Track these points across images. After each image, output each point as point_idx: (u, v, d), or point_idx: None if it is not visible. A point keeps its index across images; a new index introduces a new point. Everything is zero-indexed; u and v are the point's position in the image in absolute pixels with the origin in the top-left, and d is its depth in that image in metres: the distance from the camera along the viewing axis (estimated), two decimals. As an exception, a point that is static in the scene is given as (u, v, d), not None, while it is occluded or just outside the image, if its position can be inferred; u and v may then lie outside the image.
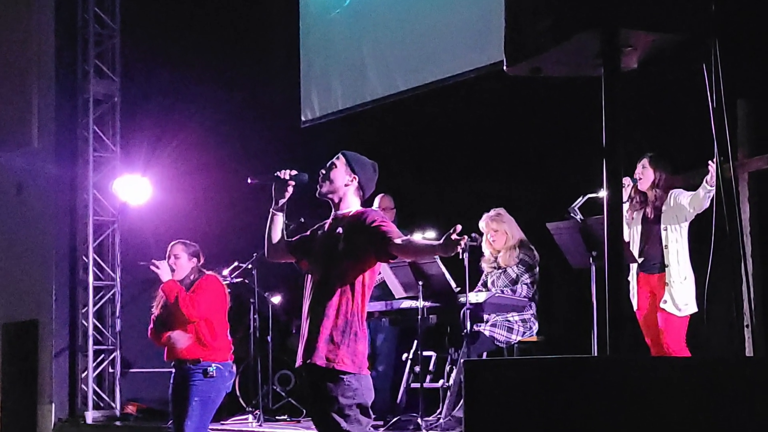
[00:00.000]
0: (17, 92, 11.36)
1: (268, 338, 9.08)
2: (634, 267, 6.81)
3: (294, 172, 5.01)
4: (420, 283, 7.29)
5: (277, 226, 5.09)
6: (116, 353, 10.68)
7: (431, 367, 7.99)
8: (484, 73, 8.36)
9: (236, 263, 8.73)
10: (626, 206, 6.86)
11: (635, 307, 6.83)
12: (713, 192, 6.07)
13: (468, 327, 7.20)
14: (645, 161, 6.86)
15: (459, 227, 4.35)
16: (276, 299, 9.33)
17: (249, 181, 5.11)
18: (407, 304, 7.63)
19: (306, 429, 7.97)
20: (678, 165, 6.98)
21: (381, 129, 9.94)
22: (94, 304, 10.64)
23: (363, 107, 9.89)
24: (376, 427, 7.16)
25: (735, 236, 3.31)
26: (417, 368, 7.60)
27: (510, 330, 7.51)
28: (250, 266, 8.72)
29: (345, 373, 4.68)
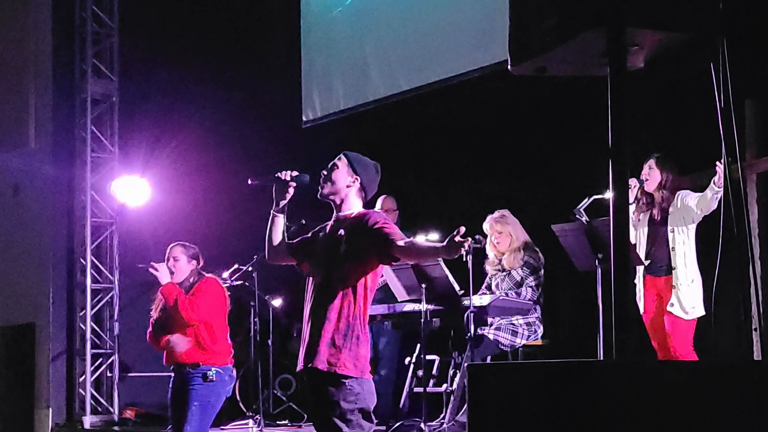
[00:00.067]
0: (14, 92, 11.30)
1: (269, 342, 9.07)
2: (641, 269, 6.79)
3: (295, 173, 5.00)
4: (423, 286, 7.27)
5: (278, 228, 5.07)
6: (114, 357, 10.63)
7: (434, 371, 8.00)
8: (488, 73, 8.32)
9: (236, 266, 8.69)
10: (632, 208, 6.85)
11: (642, 310, 6.81)
12: (721, 193, 6.05)
13: (472, 330, 7.19)
14: (651, 162, 6.85)
15: (463, 229, 4.34)
16: (277, 302, 9.32)
17: (249, 182, 5.09)
18: (410, 307, 7.62)
19: (307, 434, 7.95)
20: (685, 166, 6.98)
21: (383, 129, 9.92)
22: (92, 307, 10.59)
23: (365, 107, 9.86)
24: (379, 432, 7.12)
25: (743, 238, 3.28)
26: (420, 372, 7.61)
27: (514, 333, 7.46)
28: (251, 269, 8.69)
29: (347, 377, 4.67)
